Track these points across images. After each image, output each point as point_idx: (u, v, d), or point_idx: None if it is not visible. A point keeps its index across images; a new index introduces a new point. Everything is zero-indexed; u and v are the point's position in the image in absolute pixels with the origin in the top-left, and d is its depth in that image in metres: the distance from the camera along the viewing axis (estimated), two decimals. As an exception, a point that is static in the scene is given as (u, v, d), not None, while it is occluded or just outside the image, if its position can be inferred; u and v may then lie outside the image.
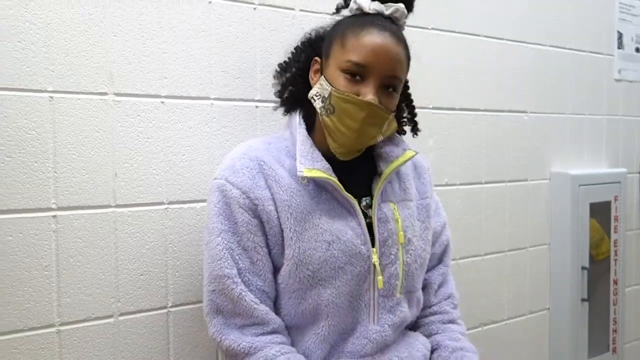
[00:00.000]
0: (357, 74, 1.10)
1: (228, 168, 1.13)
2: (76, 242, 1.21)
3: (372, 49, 1.09)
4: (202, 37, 1.35)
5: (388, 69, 1.10)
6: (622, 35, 2.36)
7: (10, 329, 1.14)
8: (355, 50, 1.09)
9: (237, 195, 1.10)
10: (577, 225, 2.12)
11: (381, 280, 1.14)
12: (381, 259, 1.14)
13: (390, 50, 1.10)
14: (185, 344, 1.34)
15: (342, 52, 1.11)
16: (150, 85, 1.28)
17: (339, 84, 1.11)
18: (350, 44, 1.10)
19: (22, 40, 1.14)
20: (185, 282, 1.34)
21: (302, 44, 1.26)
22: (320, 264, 1.10)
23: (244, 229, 1.10)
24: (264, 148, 1.17)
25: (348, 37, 1.11)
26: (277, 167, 1.13)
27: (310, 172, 1.10)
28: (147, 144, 1.28)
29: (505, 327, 2.02)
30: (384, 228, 1.15)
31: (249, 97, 1.42)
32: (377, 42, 1.09)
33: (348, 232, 1.12)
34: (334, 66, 1.13)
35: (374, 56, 1.09)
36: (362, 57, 1.09)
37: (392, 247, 1.16)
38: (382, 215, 1.16)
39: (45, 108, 1.17)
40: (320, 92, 1.13)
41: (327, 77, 1.13)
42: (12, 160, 1.14)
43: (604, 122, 2.32)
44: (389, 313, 1.16)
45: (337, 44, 1.13)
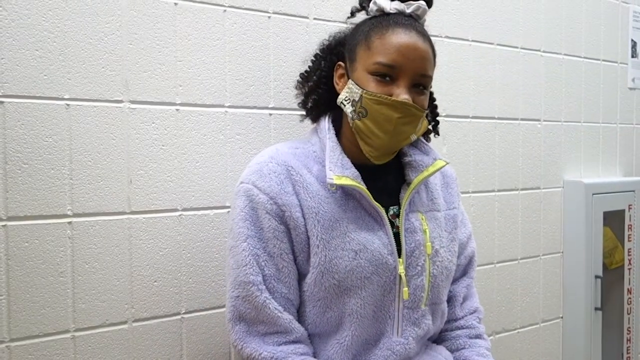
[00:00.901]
0: (387, 75, 1.08)
1: (255, 172, 1.11)
2: (91, 248, 1.21)
3: (399, 48, 1.07)
4: (216, 45, 1.36)
5: (418, 67, 1.08)
6: (636, 44, 2.35)
7: (26, 334, 1.15)
8: (382, 52, 1.08)
9: (264, 201, 1.08)
10: (590, 234, 2.10)
11: (407, 292, 1.11)
12: (407, 270, 1.12)
13: (418, 48, 1.08)
14: (199, 350, 1.35)
15: (369, 54, 1.09)
16: (165, 93, 1.29)
17: (369, 86, 1.08)
18: (376, 45, 1.09)
19: (39, 48, 1.15)
20: (198, 289, 1.35)
21: (321, 51, 1.24)
22: (346, 272, 1.08)
23: (270, 234, 1.08)
24: (291, 153, 1.15)
25: (373, 39, 1.10)
26: (305, 173, 1.11)
27: (340, 179, 1.08)
28: (162, 151, 1.29)
29: (518, 336, 2.00)
30: (412, 239, 1.13)
31: (262, 104, 1.43)
32: (404, 42, 1.08)
33: (375, 242, 1.10)
34: (361, 69, 1.10)
35: (402, 56, 1.07)
36: (391, 58, 1.07)
37: (419, 258, 1.13)
38: (409, 226, 1.14)
39: (62, 115, 1.18)
40: (350, 96, 1.11)
41: (356, 80, 1.11)
42: (29, 167, 1.15)
43: (617, 130, 2.31)
44: (413, 325, 1.14)
45: (362, 46, 1.11)
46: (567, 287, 2.13)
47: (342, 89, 1.14)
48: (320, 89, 1.21)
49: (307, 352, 1.10)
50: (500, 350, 1.94)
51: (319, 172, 1.12)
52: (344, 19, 1.48)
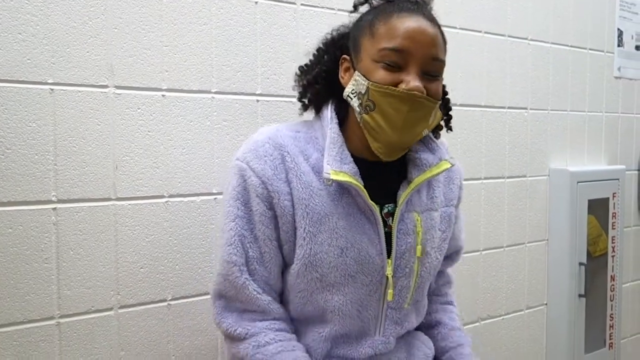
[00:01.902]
0: (395, 62, 1.00)
1: (251, 151, 1.07)
2: (76, 234, 1.21)
3: (406, 31, 1.00)
4: (203, 30, 1.34)
5: (428, 51, 1.01)
6: (623, 33, 2.36)
7: (10, 321, 1.14)
8: (388, 36, 1.01)
9: (255, 184, 1.05)
10: (575, 222, 2.12)
11: (391, 294, 1.09)
12: (396, 272, 1.09)
13: (426, 31, 1.01)
14: (185, 337, 1.35)
15: (373, 41, 1.03)
16: (151, 79, 1.28)
17: (376, 76, 1.01)
18: (381, 31, 1.02)
19: (22, 32, 1.13)
20: (185, 276, 1.34)
21: (324, 45, 1.16)
22: (330, 268, 1.06)
23: (258, 218, 1.06)
24: (292, 136, 1.10)
25: (377, 25, 1.03)
26: (301, 161, 1.07)
27: (337, 175, 1.03)
28: (148, 137, 1.28)
29: (503, 322, 2.02)
30: (404, 240, 1.09)
31: (249, 90, 1.42)
32: (412, 24, 1.01)
33: (364, 241, 1.07)
34: (367, 59, 1.03)
35: (410, 39, 1.00)
36: (398, 42, 1.00)
37: (408, 261, 1.10)
38: (403, 227, 1.10)
39: (46, 100, 1.16)
40: (356, 88, 1.04)
41: (362, 71, 1.04)
42: (12, 153, 1.14)
43: (603, 119, 2.32)
44: (395, 325, 1.13)
45: (367, 35, 1.05)
46: (552, 274, 2.15)
47: (349, 82, 1.08)
48: (320, 83, 1.13)
49: (283, 329, 1.09)
50: (485, 336, 1.96)
51: (317, 160, 1.08)
52: (332, 5, 1.48)
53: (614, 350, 2.33)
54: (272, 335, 1.07)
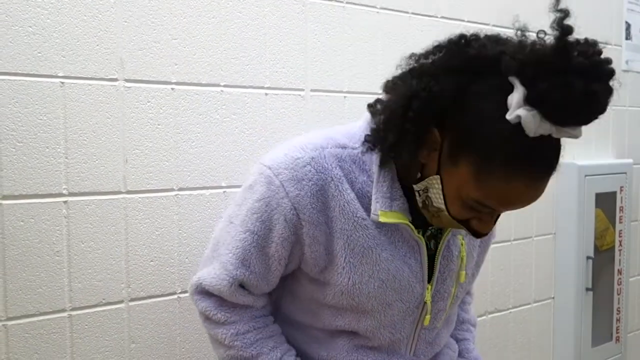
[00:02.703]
0: (478, 210, 0.90)
1: (289, 169, 0.96)
2: (87, 227, 1.21)
3: (514, 202, 0.88)
4: (212, 23, 1.34)
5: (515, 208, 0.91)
6: (630, 26, 2.35)
7: (23, 313, 1.15)
8: (493, 198, 0.86)
9: (286, 208, 0.96)
10: (582, 216, 2.12)
11: (428, 319, 1.05)
12: (434, 297, 1.04)
13: (536, 196, 0.89)
14: (195, 330, 1.35)
15: (475, 183, 0.86)
16: (161, 72, 1.28)
17: (455, 209, 0.90)
18: (491, 187, 0.85)
19: (33, 25, 1.14)
20: (194, 269, 1.33)
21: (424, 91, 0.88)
22: (368, 298, 1.00)
23: (277, 240, 0.98)
24: (337, 155, 0.97)
25: (492, 175, 0.84)
26: (346, 188, 0.96)
27: (386, 216, 0.95)
28: (158, 130, 1.28)
29: (511, 316, 2.03)
30: (447, 267, 1.04)
31: (258, 84, 1.42)
32: (524, 197, 0.87)
33: (405, 270, 1.01)
34: (456, 186, 0.88)
35: (511, 206, 0.89)
36: (497, 206, 0.88)
37: (448, 286, 1.05)
38: (447, 253, 1.04)
39: (56, 94, 1.17)
40: (429, 194, 0.93)
41: (444, 186, 0.90)
42: (23, 146, 1.14)
43: (610, 112, 2.31)
44: (427, 344, 1.10)
45: (472, 165, 0.85)
46: (559, 268, 2.15)
47: (425, 160, 0.92)
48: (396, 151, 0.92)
49: (262, 315, 1.07)
50: (493, 330, 1.97)
51: (363, 185, 0.97)
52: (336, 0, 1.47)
53: (621, 343, 2.33)
54: (252, 324, 1.05)
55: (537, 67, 0.80)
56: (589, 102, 0.80)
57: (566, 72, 0.78)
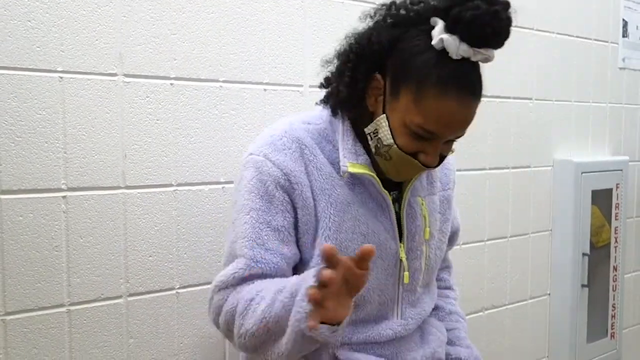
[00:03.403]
0: (424, 137, 1.00)
1: (268, 145, 1.07)
2: (86, 222, 1.21)
3: (449, 121, 0.99)
4: (211, 19, 1.34)
5: (457, 134, 1.03)
6: (627, 24, 2.35)
7: (21, 308, 1.15)
8: (430, 117, 0.97)
9: (277, 174, 1.04)
10: (578, 212, 2.13)
11: (407, 276, 1.13)
12: (408, 254, 1.13)
13: (467, 117, 1.01)
14: (193, 325, 1.35)
15: (415, 109, 0.98)
16: (160, 67, 1.28)
17: (401, 140, 1.01)
18: (427, 105, 0.97)
19: (32, 19, 1.13)
20: (193, 264, 1.35)
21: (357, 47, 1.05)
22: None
23: (282, 207, 1.05)
24: (305, 129, 1.10)
25: (427, 95, 0.97)
26: (318, 153, 1.08)
27: (354, 167, 1.06)
28: (157, 126, 1.28)
29: (507, 312, 2.03)
30: (413, 224, 1.14)
31: (257, 80, 1.42)
32: (457, 114, 0.98)
33: (379, 226, 1.10)
34: (400, 116, 1.00)
35: (447, 127, 0.99)
36: (435, 128, 0.99)
37: (419, 243, 1.14)
38: (410, 212, 1.14)
39: (55, 88, 1.16)
40: (378, 133, 1.04)
41: (390, 120, 1.02)
42: (22, 141, 1.14)
43: (607, 110, 2.33)
44: (411, 307, 1.16)
45: (412, 91, 0.98)
46: (555, 265, 2.16)
47: (373, 106, 1.05)
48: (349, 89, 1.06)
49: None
50: (489, 326, 1.98)
51: (331, 152, 1.09)
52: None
53: (616, 339, 2.34)
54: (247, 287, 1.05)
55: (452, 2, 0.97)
56: (492, 20, 0.96)
57: (473, 1, 0.95)
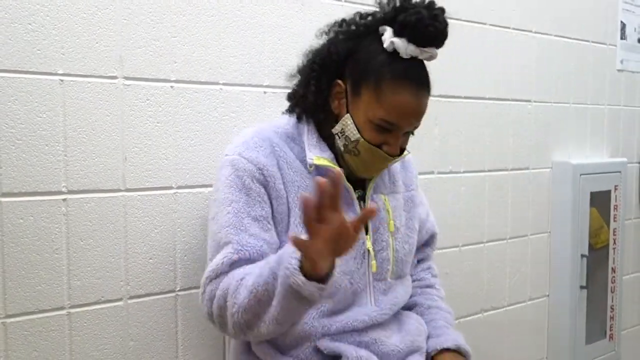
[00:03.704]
0: (386, 129, 1.13)
1: (241, 145, 1.16)
2: (86, 225, 1.21)
3: (406, 111, 1.12)
4: (211, 22, 1.34)
5: (414, 124, 1.16)
6: (625, 26, 2.36)
7: (22, 310, 1.15)
8: (390, 110, 1.11)
9: (251, 169, 1.13)
10: (577, 214, 2.14)
11: (374, 265, 1.21)
12: (374, 245, 1.22)
13: (421, 109, 1.14)
14: (193, 327, 1.36)
15: (376, 105, 1.11)
16: (160, 70, 1.28)
17: (367, 134, 1.13)
18: (386, 100, 1.11)
19: (32, 22, 1.13)
20: (193, 266, 1.35)
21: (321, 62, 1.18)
22: None
23: (259, 199, 1.12)
24: (273, 131, 1.20)
25: (385, 92, 1.10)
26: (287, 151, 1.18)
27: (320, 160, 1.17)
28: (157, 128, 1.28)
29: (506, 313, 2.04)
30: (377, 217, 1.23)
31: (257, 82, 1.42)
32: (412, 104, 1.12)
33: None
34: (364, 113, 1.13)
35: (406, 117, 1.13)
36: (396, 119, 1.12)
37: (383, 235, 1.24)
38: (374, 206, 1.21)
39: (56, 91, 1.17)
40: (345, 132, 1.15)
41: (355, 118, 1.14)
42: (22, 143, 1.14)
43: (605, 112, 2.33)
44: (383, 295, 1.23)
45: (371, 90, 1.12)
46: (554, 266, 2.17)
47: (337, 109, 1.17)
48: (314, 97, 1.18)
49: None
50: (488, 327, 1.98)
51: (298, 152, 1.19)
52: (339, -4, 1.48)
53: (615, 341, 2.35)
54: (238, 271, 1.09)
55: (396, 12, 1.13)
56: (434, 22, 1.10)
57: (414, 8, 1.11)
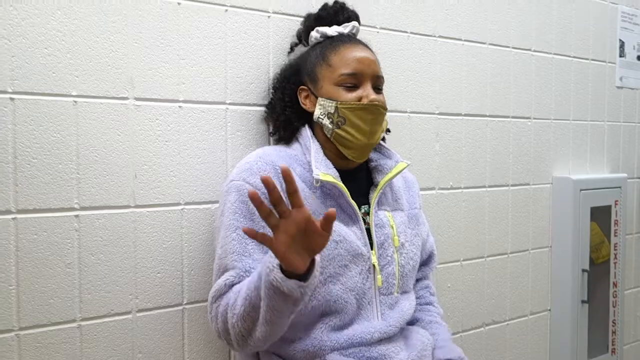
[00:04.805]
0: (353, 83, 1.25)
1: (246, 170, 1.22)
2: (97, 240, 1.25)
3: (356, 59, 1.26)
4: (218, 44, 1.40)
5: (374, 70, 1.27)
6: (624, 44, 2.40)
7: (35, 323, 1.19)
8: (343, 64, 1.26)
9: None
10: (578, 229, 2.16)
11: (380, 279, 1.25)
12: (380, 260, 1.26)
13: (369, 56, 1.28)
14: (199, 340, 1.39)
15: (331, 70, 1.27)
16: (169, 91, 1.33)
17: (342, 97, 1.25)
18: (335, 60, 1.27)
19: (48, 47, 1.19)
20: (199, 280, 1.39)
21: (277, 82, 1.39)
22: (328, 261, 1.19)
23: (262, 223, 1.13)
24: (276, 154, 1.27)
25: (330, 57, 1.28)
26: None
27: (325, 176, 1.22)
28: (165, 147, 1.33)
29: (507, 328, 2.06)
30: (381, 232, 1.27)
31: (262, 102, 1.47)
32: (358, 53, 1.27)
33: (351, 235, 1.23)
34: (328, 84, 1.27)
35: (360, 64, 1.26)
36: (352, 67, 1.25)
37: (388, 250, 1.27)
38: (378, 221, 1.28)
39: (70, 112, 1.22)
40: (324, 110, 1.26)
41: (325, 95, 1.26)
42: (37, 162, 1.19)
43: (605, 128, 2.37)
44: (390, 309, 1.26)
45: (322, 66, 1.28)
46: (555, 281, 2.19)
47: (312, 107, 1.30)
48: (287, 112, 1.34)
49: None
50: (490, 341, 2.00)
51: (301, 172, 1.25)
52: (341, 19, 1.52)
53: (617, 355, 2.36)
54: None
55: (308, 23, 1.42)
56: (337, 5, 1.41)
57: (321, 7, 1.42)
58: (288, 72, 1.37)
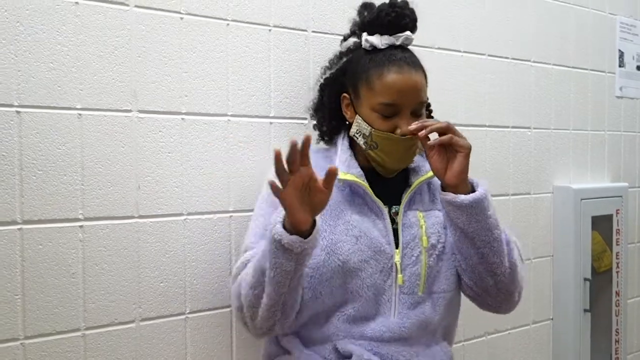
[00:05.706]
0: (390, 113, 1.24)
1: None
2: (101, 251, 1.28)
3: (398, 88, 1.23)
4: (220, 57, 1.42)
5: (414, 99, 1.24)
6: (624, 54, 2.42)
7: (40, 332, 1.21)
8: (383, 93, 1.23)
9: None
10: (579, 238, 2.16)
11: (401, 278, 1.25)
12: (403, 260, 1.26)
13: (413, 82, 1.24)
14: (202, 349, 1.41)
15: (371, 94, 1.25)
16: (172, 103, 1.36)
17: (375, 123, 1.25)
18: (376, 86, 1.24)
19: (54, 61, 1.22)
20: (202, 290, 1.41)
21: (325, 81, 1.40)
22: (349, 255, 1.22)
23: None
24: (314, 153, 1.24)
25: (373, 80, 1.25)
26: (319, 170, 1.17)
27: (345, 175, 1.26)
28: (168, 158, 1.35)
29: (510, 337, 2.06)
30: (408, 232, 1.28)
31: (263, 113, 1.49)
32: (401, 80, 1.23)
33: (374, 232, 1.25)
34: (366, 106, 1.26)
35: (400, 94, 1.23)
36: (391, 98, 1.23)
37: (414, 250, 1.26)
38: (407, 221, 1.29)
39: (74, 125, 1.24)
40: (360, 130, 1.28)
41: (362, 115, 1.27)
42: (43, 174, 1.21)
43: (606, 137, 2.38)
44: (408, 309, 1.25)
45: (364, 86, 1.27)
46: (557, 290, 2.19)
47: (351, 118, 1.31)
48: (331, 118, 1.38)
49: None
50: (492, 350, 2.01)
51: None
52: (339, 31, 1.55)
53: (620, 364, 2.36)
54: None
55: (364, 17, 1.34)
56: (392, 10, 1.27)
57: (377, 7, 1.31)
58: (336, 73, 1.38)
